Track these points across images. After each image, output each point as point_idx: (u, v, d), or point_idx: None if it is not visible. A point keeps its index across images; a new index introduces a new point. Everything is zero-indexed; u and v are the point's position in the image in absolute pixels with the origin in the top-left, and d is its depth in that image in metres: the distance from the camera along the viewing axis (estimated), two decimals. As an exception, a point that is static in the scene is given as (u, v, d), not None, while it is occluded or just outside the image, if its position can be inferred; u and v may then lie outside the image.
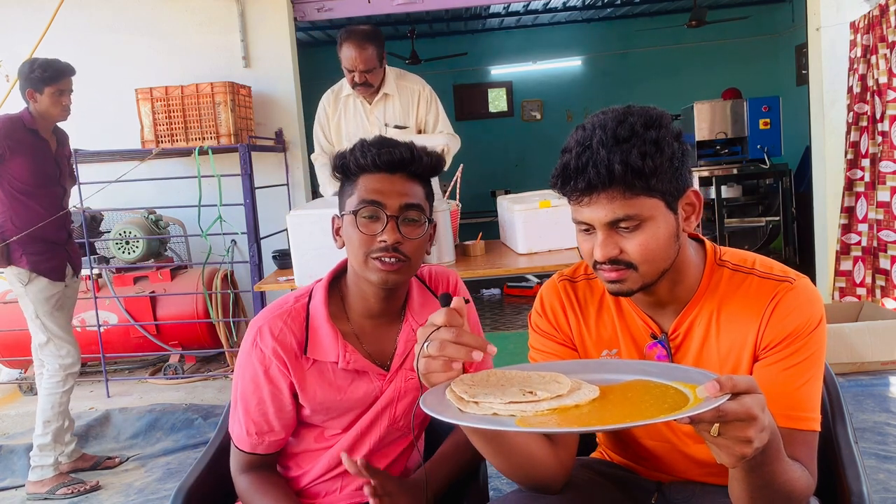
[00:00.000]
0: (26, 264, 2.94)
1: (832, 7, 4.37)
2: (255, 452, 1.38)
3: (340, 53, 3.19)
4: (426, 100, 3.39)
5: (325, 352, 1.34)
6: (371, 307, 1.37)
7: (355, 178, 1.32)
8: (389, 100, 3.35)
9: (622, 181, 1.02)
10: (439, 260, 2.89)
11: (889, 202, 3.98)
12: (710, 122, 5.71)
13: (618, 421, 0.86)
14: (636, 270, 1.08)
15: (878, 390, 3.36)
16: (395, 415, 1.40)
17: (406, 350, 1.38)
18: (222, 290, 4.34)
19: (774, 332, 1.10)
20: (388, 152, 1.29)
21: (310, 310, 1.37)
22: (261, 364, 1.34)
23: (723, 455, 0.86)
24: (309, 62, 6.92)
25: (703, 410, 0.80)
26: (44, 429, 2.99)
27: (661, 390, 0.93)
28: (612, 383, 0.99)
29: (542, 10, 7.63)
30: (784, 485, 0.98)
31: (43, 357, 3.04)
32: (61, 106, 3.00)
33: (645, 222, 1.06)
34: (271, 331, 1.34)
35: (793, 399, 1.08)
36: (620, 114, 1.06)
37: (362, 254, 1.29)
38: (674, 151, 1.05)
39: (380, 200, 1.28)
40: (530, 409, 0.91)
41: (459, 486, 1.44)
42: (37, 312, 2.98)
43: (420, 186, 1.34)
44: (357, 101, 3.36)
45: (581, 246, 1.13)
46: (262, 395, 1.35)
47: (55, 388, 3.01)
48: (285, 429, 1.39)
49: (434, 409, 0.91)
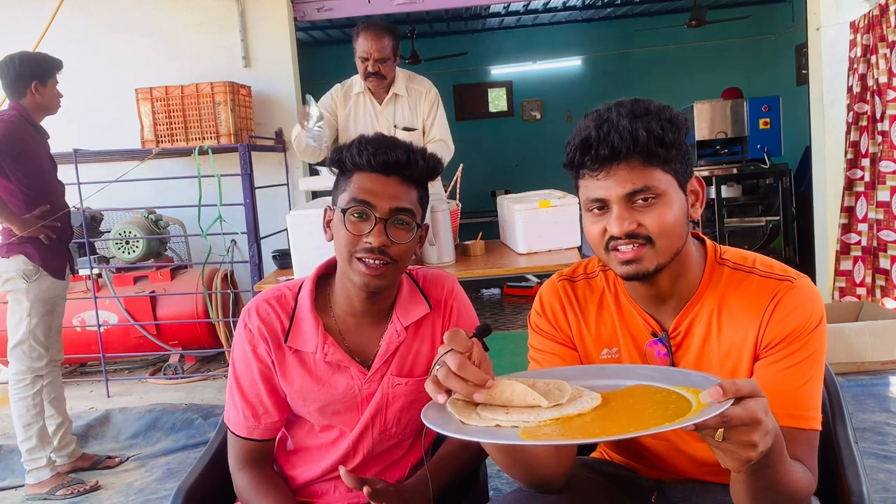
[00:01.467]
0: (38, 259, 2.88)
1: (832, 7, 4.37)
2: (251, 438, 1.38)
3: (356, 44, 3.19)
4: (430, 102, 3.39)
5: (305, 342, 1.35)
6: (354, 306, 1.37)
7: (350, 175, 1.31)
8: (399, 101, 3.36)
9: (645, 149, 1.04)
10: (439, 260, 2.89)
11: (889, 202, 3.98)
12: (710, 121, 5.71)
13: (622, 429, 0.86)
14: (653, 246, 1.08)
15: (878, 390, 3.36)
16: (385, 421, 1.39)
17: (388, 351, 1.37)
18: (222, 289, 4.35)
19: (775, 332, 1.10)
20: (384, 153, 1.27)
21: (298, 300, 1.38)
22: (250, 343, 1.36)
23: (727, 459, 0.86)
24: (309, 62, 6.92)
25: (707, 417, 0.80)
26: (25, 433, 2.93)
27: (662, 395, 0.93)
28: (612, 389, 0.98)
29: (542, 10, 7.63)
30: (787, 486, 0.98)
31: (11, 358, 2.93)
32: (59, 97, 3.00)
33: (661, 196, 1.07)
34: (258, 312, 1.37)
35: (794, 398, 1.08)
36: (632, 99, 1.09)
37: (347, 252, 1.29)
38: (686, 131, 1.10)
39: (370, 201, 1.27)
40: (533, 420, 0.90)
41: (459, 486, 1.43)
42: (30, 312, 2.89)
43: (414, 190, 1.32)
44: (367, 101, 3.36)
45: (590, 229, 1.12)
46: (254, 374, 1.37)
47: (23, 391, 2.92)
48: (279, 410, 1.39)
49: (436, 423, 0.91)
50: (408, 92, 3.35)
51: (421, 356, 1.40)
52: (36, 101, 2.93)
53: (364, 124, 3.35)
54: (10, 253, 2.87)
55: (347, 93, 3.37)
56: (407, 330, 1.38)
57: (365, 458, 1.41)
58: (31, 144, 2.92)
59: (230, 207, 3.95)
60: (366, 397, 1.38)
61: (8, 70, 2.91)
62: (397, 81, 3.32)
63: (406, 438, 1.44)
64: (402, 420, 1.40)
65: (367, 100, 3.35)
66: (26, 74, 2.90)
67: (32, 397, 2.94)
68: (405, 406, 1.39)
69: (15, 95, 2.93)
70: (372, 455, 1.41)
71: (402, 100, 3.35)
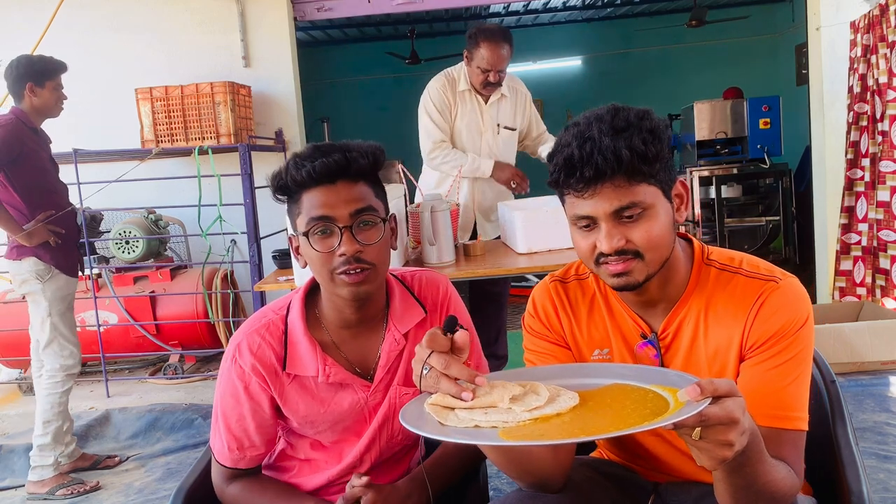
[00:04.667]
0: (49, 258, 2.91)
1: (832, 7, 4.37)
2: (236, 468, 1.38)
3: (475, 52, 3.22)
4: (529, 101, 3.48)
5: (304, 366, 1.32)
6: (347, 318, 1.33)
7: (298, 196, 1.26)
8: (504, 101, 3.41)
9: (629, 167, 1.03)
10: (439, 260, 2.88)
11: (889, 202, 3.98)
12: (710, 121, 5.71)
13: (602, 429, 0.86)
14: (642, 259, 1.08)
15: (878, 390, 3.36)
16: (392, 431, 1.38)
17: (389, 360, 1.35)
18: (222, 289, 4.34)
19: (760, 332, 1.10)
20: (322, 163, 1.22)
21: (288, 323, 1.34)
22: (240, 380, 1.33)
23: (703, 458, 0.87)
24: (309, 62, 6.93)
25: (685, 416, 0.80)
26: (44, 429, 2.98)
27: (639, 394, 0.93)
28: (590, 388, 0.98)
29: (541, 10, 7.63)
30: (766, 485, 0.98)
31: (44, 357, 3.01)
32: (60, 100, 3.01)
33: (647, 210, 1.06)
34: (249, 347, 1.32)
35: (779, 399, 1.07)
36: (611, 108, 1.07)
37: (326, 272, 1.25)
38: (669, 140, 1.08)
39: (328, 214, 1.23)
40: (512, 420, 0.90)
41: (459, 486, 1.43)
42: (50, 311, 2.95)
43: (366, 186, 1.27)
44: (474, 98, 3.39)
45: (580, 243, 1.12)
46: (243, 410, 1.34)
47: (54, 388, 2.99)
48: (266, 444, 1.38)
49: (415, 425, 0.90)
50: (510, 91, 3.41)
51: None
52: (33, 104, 2.95)
53: (469, 120, 3.39)
54: (22, 255, 2.91)
55: (454, 88, 3.39)
56: (406, 337, 1.36)
57: (372, 464, 1.40)
58: (31, 147, 2.93)
59: (230, 207, 3.95)
60: (372, 408, 1.36)
61: (10, 73, 2.95)
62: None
63: (412, 443, 1.44)
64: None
65: (474, 97, 3.38)
66: (22, 76, 2.91)
67: (60, 395, 3.00)
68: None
69: (16, 99, 2.96)
70: (378, 463, 1.41)
71: (505, 100, 3.41)
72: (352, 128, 6.63)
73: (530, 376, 1.03)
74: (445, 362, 0.96)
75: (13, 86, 2.94)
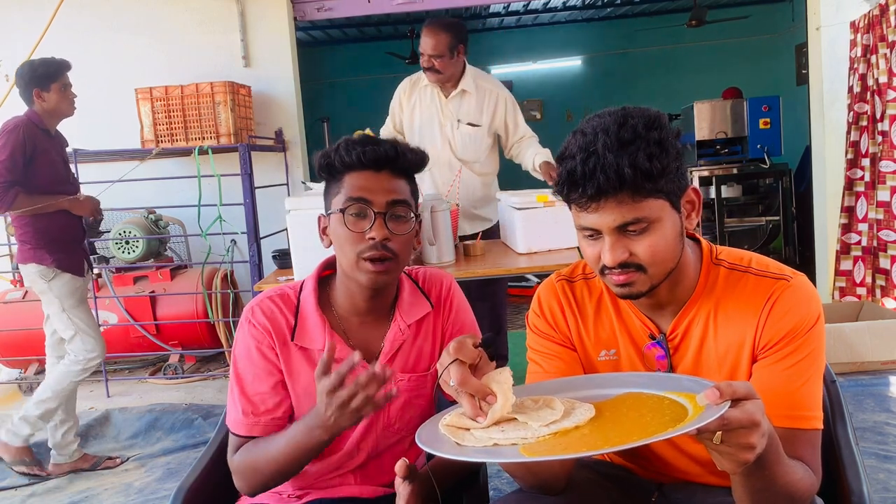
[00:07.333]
0: (51, 262, 2.96)
1: (832, 6, 4.37)
2: (251, 435, 1.36)
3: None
4: (512, 104, 3.48)
5: (312, 339, 1.35)
6: (358, 305, 1.38)
7: (341, 177, 1.32)
8: (466, 96, 3.43)
9: (632, 185, 1.01)
10: (439, 260, 2.89)
11: (889, 202, 3.98)
12: (710, 121, 5.71)
13: (624, 439, 0.85)
14: (645, 272, 1.07)
15: (878, 390, 3.36)
16: (388, 417, 1.40)
17: (392, 350, 1.39)
18: (222, 289, 4.34)
19: (773, 331, 1.09)
20: (372, 150, 1.29)
21: (301, 298, 1.39)
22: (254, 339, 1.36)
23: (725, 462, 0.86)
24: (309, 62, 6.92)
25: (709, 421, 0.80)
26: (36, 405, 3.01)
27: (655, 402, 0.93)
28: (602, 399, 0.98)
29: (542, 10, 7.63)
30: (785, 486, 0.98)
31: (69, 349, 3.06)
32: (69, 99, 3.04)
33: (653, 224, 1.05)
34: (263, 310, 1.37)
35: (794, 398, 1.07)
36: (620, 116, 1.04)
37: (353, 254, 1.30)
38: (677, 151, 1.05)
39: (367, 197, 1.29)
40: (532, 436, 0.90)
41: (459, 486, 1.43)
42: (63, 306, 3.00)
43: (405, 183, 1.35)
44: (434, 92, 3.44)
45: (586, 251, 1.11)
46: (258, 369, 1.35)
47: (69, 375, 3.03)
48: (281, 408, 1.36)
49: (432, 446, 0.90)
50: (476, 89, 3.42)
51: (423, 353, 1.42)
52: (44, 108, 3.00)
53: (429, 114, 3.45)
54: (25, 260, 2.97)
55: (415, 84, 3.49)
56: (410, 328, 1.41)
57: (369, 454, 1.41)
58: (44, 147, 2.99)
59: (230, 207, 3.95)
60: None
61: (18, 82, 3.01)
62: (465, 78, 3.41)
63: (408, 434, 1.44)
64: (404, 416, 1.41)
65: (434, 92, 3.43)
66: (28, 83, 2.97)
67: (70, 382, 3.05)
68: (407, 402, 1.40)
69: (28, 103, 3.02)
70: (375, 452, 1.41)
71: (469, 96, 3.42)
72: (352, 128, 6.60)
73: (542, 391, 1.03)
74: (462, 377, 0.96)
75: (23, 94, 3.00)
